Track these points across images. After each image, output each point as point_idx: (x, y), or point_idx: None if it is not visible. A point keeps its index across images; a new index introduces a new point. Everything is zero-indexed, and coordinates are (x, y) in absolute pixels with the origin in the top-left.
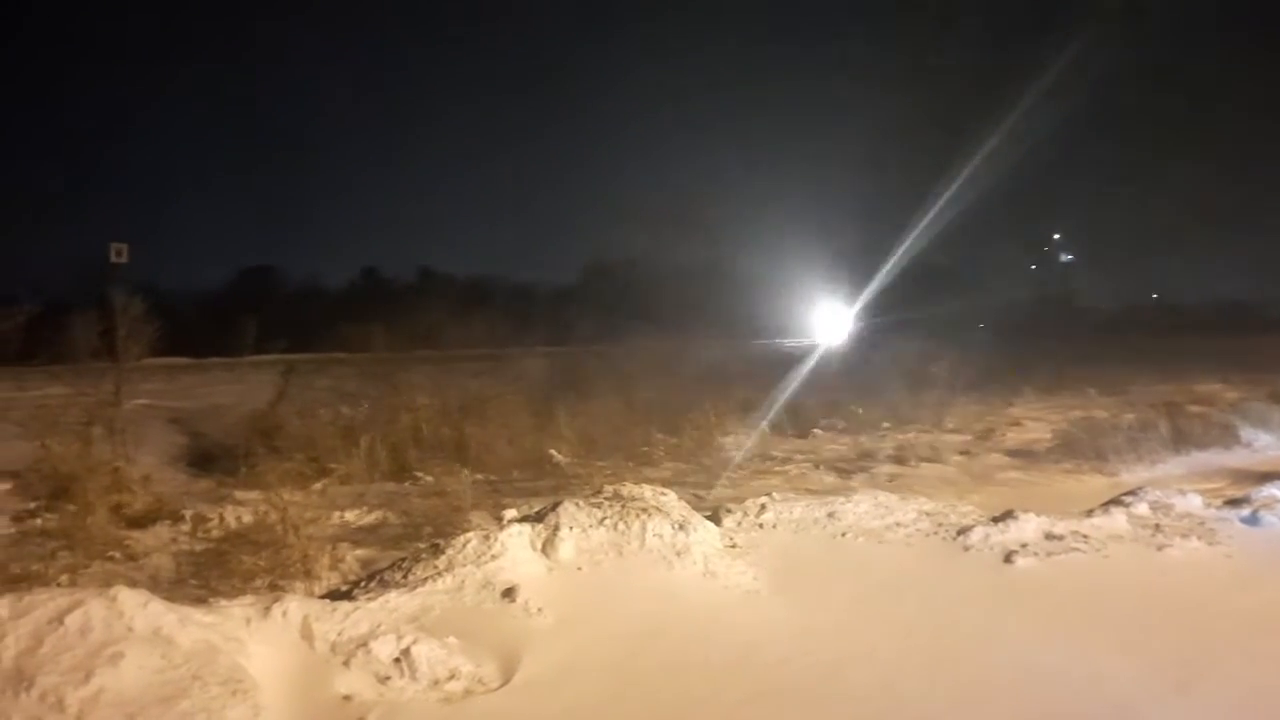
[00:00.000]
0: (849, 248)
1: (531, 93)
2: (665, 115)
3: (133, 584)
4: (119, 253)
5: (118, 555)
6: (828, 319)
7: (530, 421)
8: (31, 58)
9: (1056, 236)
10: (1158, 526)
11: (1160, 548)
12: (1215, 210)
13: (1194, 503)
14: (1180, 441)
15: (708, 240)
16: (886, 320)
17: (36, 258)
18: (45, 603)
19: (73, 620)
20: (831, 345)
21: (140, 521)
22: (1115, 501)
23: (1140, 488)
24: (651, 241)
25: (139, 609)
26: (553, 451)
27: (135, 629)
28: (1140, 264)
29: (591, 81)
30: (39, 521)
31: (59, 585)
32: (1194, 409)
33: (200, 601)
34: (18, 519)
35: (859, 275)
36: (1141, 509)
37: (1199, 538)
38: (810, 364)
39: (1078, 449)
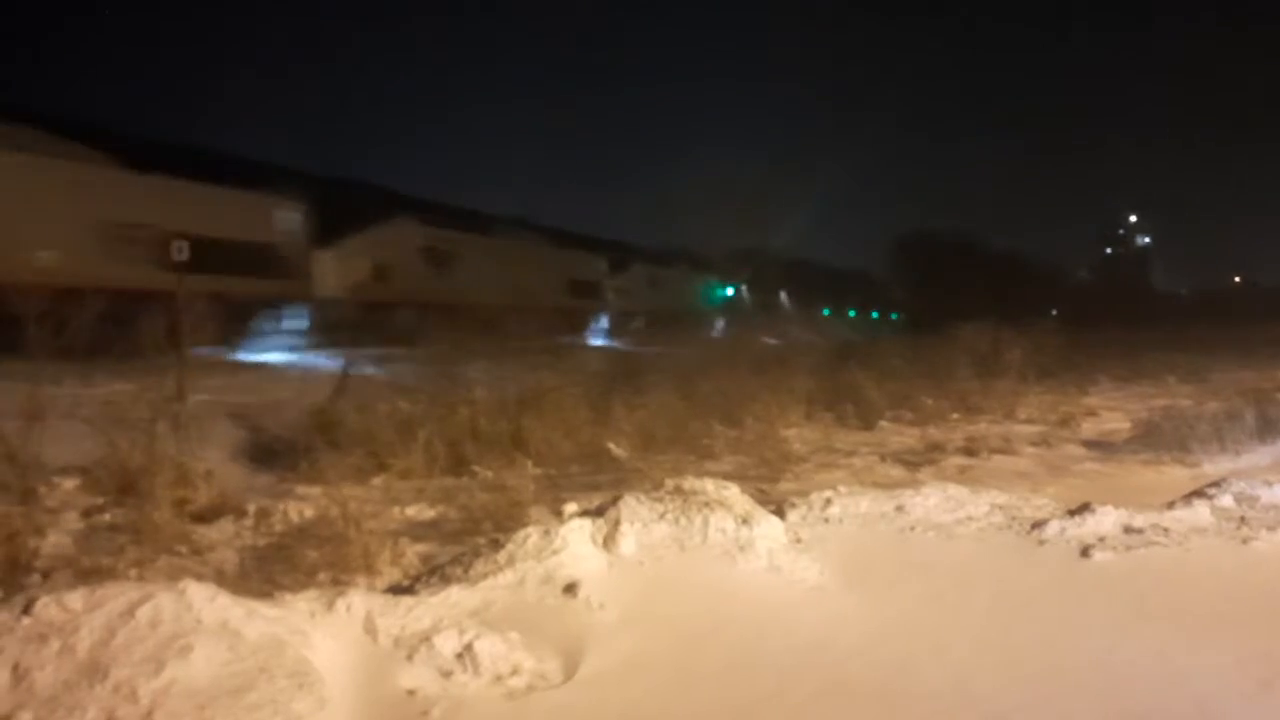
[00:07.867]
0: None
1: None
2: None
3: (199, 577)
4: (180, 250)
5: (183, 549)
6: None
7: (588, 414)
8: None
9: (1134, 219)
10: (1243, 519)
11: (1245, 540)
12: None
13: None
14: (1267, 431)
15: (762, 229)
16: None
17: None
18: (117, 596)
19: (143, 613)
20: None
21: (205, 516)
22: (1198, 493)
23: (1224, 479)
24: (706, 230)
25: (207, 602)
26: (611, 445)
27: (204, 622)
28: (1222, 247)
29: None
30: (107, 516)
31: (128, 579)
32: None
33: (265, 595)
34: (86, 514)
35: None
36: (1225, 501)
37: None
38: (867, 351)
39: (1158, 439)
